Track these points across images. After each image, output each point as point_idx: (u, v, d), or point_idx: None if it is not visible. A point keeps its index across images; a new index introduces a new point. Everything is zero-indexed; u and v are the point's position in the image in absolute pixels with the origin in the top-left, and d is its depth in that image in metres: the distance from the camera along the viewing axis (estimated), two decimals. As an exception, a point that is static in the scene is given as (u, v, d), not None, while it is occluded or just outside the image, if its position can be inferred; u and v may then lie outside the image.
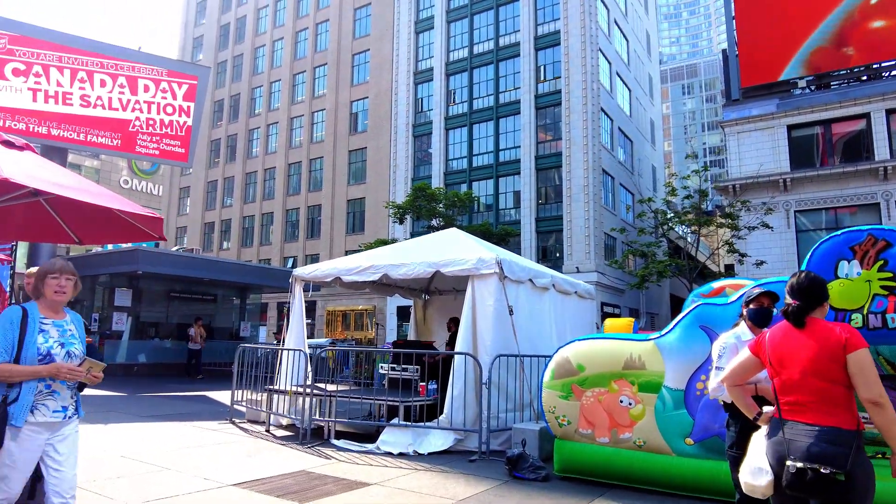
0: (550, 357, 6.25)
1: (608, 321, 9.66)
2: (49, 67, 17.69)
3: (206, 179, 46.48)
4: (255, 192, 43.11)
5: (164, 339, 18.06)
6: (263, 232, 41.51)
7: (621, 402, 5.57)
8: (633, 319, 10.39)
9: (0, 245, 15.83)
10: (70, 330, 3.22)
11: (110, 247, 18.50)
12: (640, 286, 23.15)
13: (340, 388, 8.80)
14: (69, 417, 3.15)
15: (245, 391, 9.15)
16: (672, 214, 23.75)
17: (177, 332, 18.56)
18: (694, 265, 23.84)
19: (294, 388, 8.18)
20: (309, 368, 8.22)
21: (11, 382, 2.96)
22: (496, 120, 32.96)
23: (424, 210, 21.90)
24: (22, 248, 25.24)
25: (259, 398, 8.86)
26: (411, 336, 12.30)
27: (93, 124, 18.24)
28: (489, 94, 33.51)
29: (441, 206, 22.21)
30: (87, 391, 11.44)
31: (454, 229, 10.32)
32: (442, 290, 12.27)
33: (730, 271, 30.05)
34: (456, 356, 7.50)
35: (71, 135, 18.00)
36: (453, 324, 9.92)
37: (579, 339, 6.20)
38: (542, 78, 32.34)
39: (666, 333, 5.55)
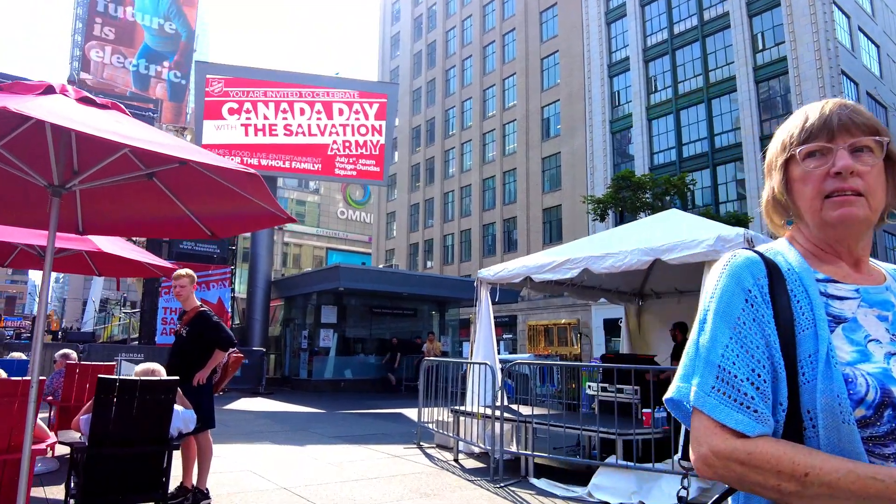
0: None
1: None
2: (257, 103, 19.06)
3: (409, 203, 48.46)
4: (453, 211, 43.74)
5: (367, 354, 18.17)
6: (463, 249, 41.85)
7: None
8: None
9: (218, 270, 17.29)
10: None
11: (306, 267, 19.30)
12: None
13: (540, 411, 7.18)
14: None
15: (433, 410, 8.03)
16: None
17: (378, 347, 18.63)
18: None
19: (483, 410, 6.78)
20: (499, 385, 6.75)
21: None
22: (707, 102, 29.01)
23: (629, 202, 19.35)
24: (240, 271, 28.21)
25: (447, 419, 7.64)
26: (624, 350, 10.22)
27: (295, 151, 19.29)
28: (696, 74, 29.71)
29: (649, 195, 19.44)
30: (290, 408, 11.31)
31: (673, 210, 8.17)
32: (660, 291, 10.04)
33: None
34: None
35: (278, 163, 19.19)
36: (680, 331, 7.76)
37: None
38: (760, 47, 27.72)
39: None
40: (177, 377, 4.13)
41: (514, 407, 7.19)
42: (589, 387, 7.78)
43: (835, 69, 25.28)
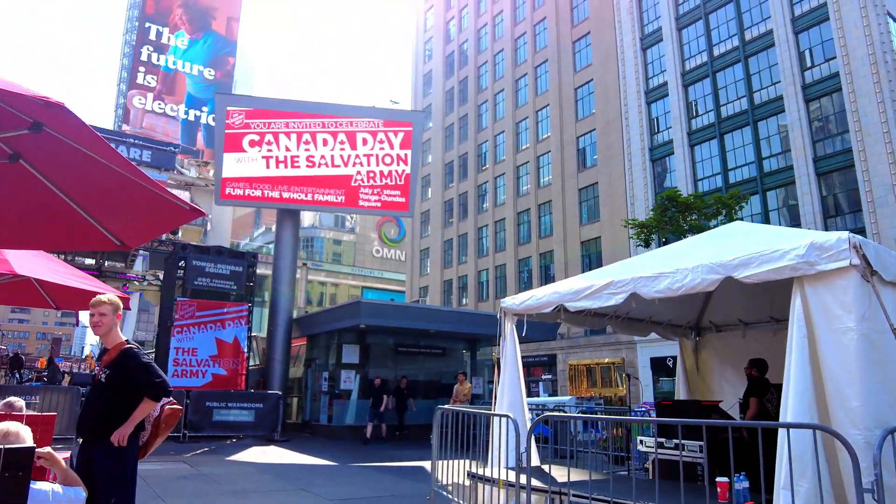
0: None
1: None
2: (279, 135, 18.44)
3: (443, 239, 47.73)
4: (487, 246, 42.89)
5: (392, 396, 16.82)
6: (498, 285, 40.58)
7: None
8: None
9: (235, 308, 16.37)
10: None
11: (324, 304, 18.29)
12: None
13: (579, 475, 5.69)
14: None
15: (451, 466, 6.61)
16: None
17: (404, 389, 17.34)
18: None
19: (506, 475, 5.34)
20: (524, 447, 5.31)
21: None
22: (753, 124, 27.37)
23: (674, 225, 17.68)
24: (260, 312, 27.45)
25: (465, 483, 6.20)
26: (681, 394, 8.65)
27: (318, 183, 18.55)
28: (740, 96, 28.18)
29: (696, 217, 17.77)
30: (300, 459, 9.94)
31: (738, 223, 6.74)
32: (720, 323, 8.55)
33: None
34: (780, 429, 3.97)
35: (300, 196, 18.43)
36: (758, 369, 6.23)
37: None
38: (808, 64, 26.09)
39: None
40: (33, 446, 2.86)
41: (546, 468, 5.73)
42: (641, 441, 6.28)
43: (894, 82, 23.41)
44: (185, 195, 31.40)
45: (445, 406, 6.79)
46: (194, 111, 51.44)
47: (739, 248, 5.00)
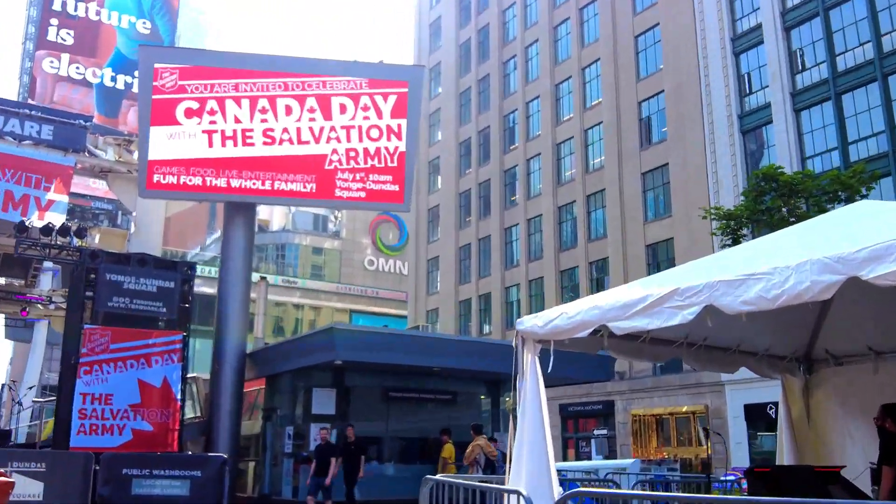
0: None
1: None
2: (225, 101, 18.20)
3: (457, 244, 47.54)
4: (517, 253, 42.81)
5: (382, 462, 16.59)
6: (534, 304, 40.20)
7: None
8: None
9: (163, 338, 16.06)
10: None
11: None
12: None
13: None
14: None
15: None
16: None
17: (404, 450, 17.07)
18: None
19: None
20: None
21: None
22: (882, 80, 26.71)
23: (774, 216, 17.06)
24: (202, 344, 27.20)
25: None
26: (785, 457, 8.26)
27: (280, 166, 18.31)
28: (863, 42, 27.56)
29: (805, 202, 17.20)
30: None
31: (864, 202, 6.27)
32: (842, 353, 8.27)
33: None
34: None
35: (255, 184, 18.19)
36: (893, 419, 5.75)
37: None
38: (961, -5, 25.45)
39: None
40: None
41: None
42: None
43: None
44: (100, 186, 31.44)
45: (437, 477, 6.34)
46: (124, 77, 51.65)
47: (868, 235, 4.54)
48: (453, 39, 50.90)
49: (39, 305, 24.23)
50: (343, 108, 18.80)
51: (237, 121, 18.37)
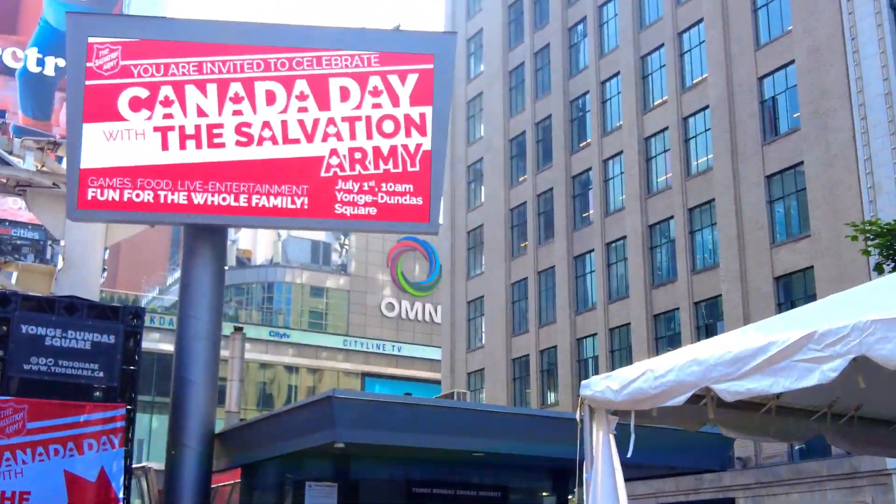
0: None
1: None
2: (184, 86, 18.44)
3: (508, 280, 47.79)
4: (593, 291, 42.99)
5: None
6: (616, 361, 40.15)
7: None
8: None
9: (99, 414, 16.10)
10: None
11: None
12: None
13: None
14: None
15: None
16: None
17: None
18: None
19: None
20: None
21: None
22: None
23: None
24: (158, 421, 27.20)
25: None
26: None
27: (260, 175, 18.46)
28: None
29: None
30: None
31: None
32: None
33: None
34: None
35: (226, 199, 18.31)
36: None
37: None
38: None
39: None
40: None
41: None
42: None
43: None
44: (15, 204, 31.80)
45: None
46: (55, 59, 52.81)
47: None
48: (499, 3, 51.46)
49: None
50: (345, 94, 18.88)
51: (201, 113, 18.53)
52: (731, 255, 36.12)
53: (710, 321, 37.09)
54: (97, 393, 16.35)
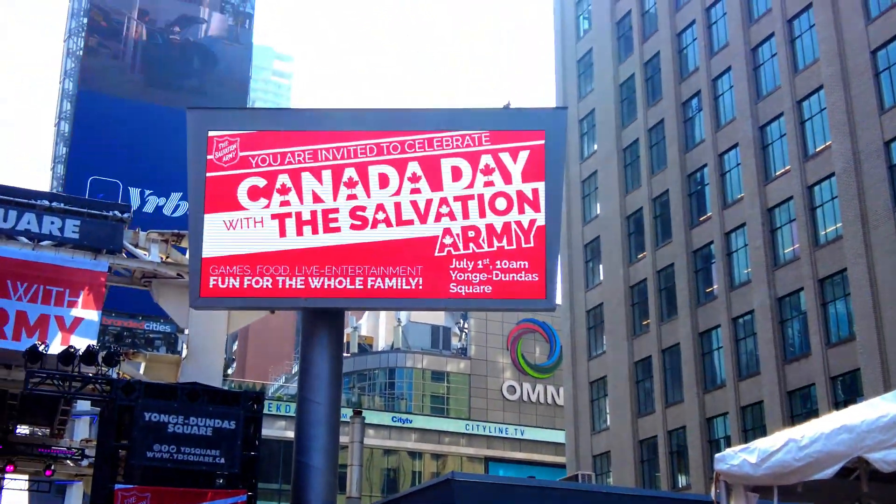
0: None
1: None
2: (300, 173, 18.81)
3: (632, 358, 46.93)
4: (721, 368, 41.88)
5: None
6: (751, 436, 38.25)
7: None
8: None
9: (228, 500, 15.96)
10: None
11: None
12: None
13: None
14: None
15: None
16: None
17: None
18: None
19: None
20: None
21: None
22: None
23: None
24: None
25: None
26: None
27: (374, 257, 18.68)
28: None
29: None
30: None
31: None
32: None
33: None
34: None
35: (342, 282, 18.51)
36: None
37: None
38: None
39: None
40: None
41: None
42: None
43: None
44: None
45: None
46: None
47: None
48: (611, 78, 51.81)
49: (69, 461, 24.99)
50: (457, 173, 19.06)
51: (317, 199, 18.87)
52: (868, 326, 34.66)
53: (848, 397, 35.12)
54: (219, 480, 16.39)
